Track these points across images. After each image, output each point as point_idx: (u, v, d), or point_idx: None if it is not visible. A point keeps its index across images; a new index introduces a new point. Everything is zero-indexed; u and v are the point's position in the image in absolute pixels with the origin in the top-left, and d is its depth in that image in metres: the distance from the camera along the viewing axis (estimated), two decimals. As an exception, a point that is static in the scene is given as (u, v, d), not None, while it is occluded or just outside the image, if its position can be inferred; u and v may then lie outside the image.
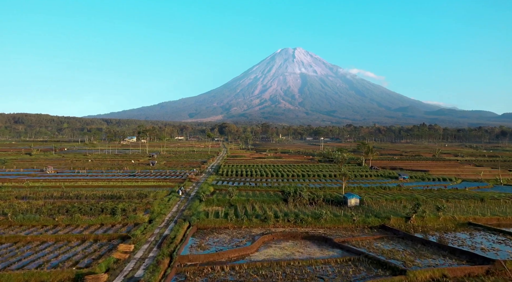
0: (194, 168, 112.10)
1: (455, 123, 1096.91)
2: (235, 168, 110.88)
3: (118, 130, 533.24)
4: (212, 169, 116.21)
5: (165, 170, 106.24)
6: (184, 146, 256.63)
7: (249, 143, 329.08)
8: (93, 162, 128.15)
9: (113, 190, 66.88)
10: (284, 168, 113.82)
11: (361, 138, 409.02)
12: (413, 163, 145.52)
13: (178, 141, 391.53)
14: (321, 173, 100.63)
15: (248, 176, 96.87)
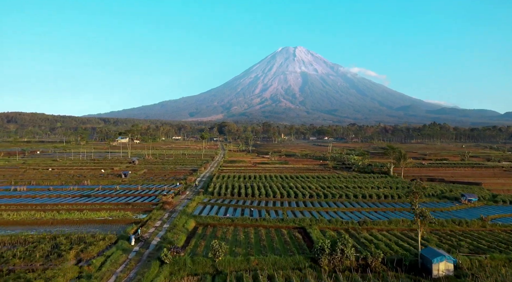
0: (178, 182, 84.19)
1: (457, 122, 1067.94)
2: (232, 181, 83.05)
3: (115, 129, 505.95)
4: (203, 181, 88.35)
5: (137, 185, 78.09)
6: (179, 147, 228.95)
7: (249, 143, 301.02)
8: (53, 171, 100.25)
9: (18, 237, 38.83)
10: (295, 180, 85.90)
11: (367, 138, 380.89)
12: (451, 170, 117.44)
13: (175, 141, 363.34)
14: (349, 190, 72.29)
15: (248, 195, 68.77)
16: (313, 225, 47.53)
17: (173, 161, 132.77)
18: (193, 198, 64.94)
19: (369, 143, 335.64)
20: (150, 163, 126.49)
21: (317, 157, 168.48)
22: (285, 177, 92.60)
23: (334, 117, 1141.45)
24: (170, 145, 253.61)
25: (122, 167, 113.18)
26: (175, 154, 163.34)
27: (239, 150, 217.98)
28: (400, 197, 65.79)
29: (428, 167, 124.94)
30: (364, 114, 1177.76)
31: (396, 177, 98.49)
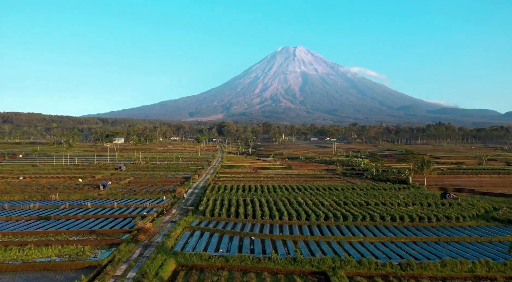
0: (165, 195, 70.42)
1: (458, 122, 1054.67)
2: (228, 195, 69.27)
3: (112, 130, 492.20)
4: (195, 193, 74.66)
5: (114, 201, 64.27)
6: (175, 150, 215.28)
7: (249, 144, 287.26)
8: (23, 180, 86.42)
9: None
10: (303, 193, 72.18)
11: (370, 139, 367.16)
12: (476, 178, 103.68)
13: (172, 142, 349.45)
14: (371, 209, 58.37)
15: (248, 216, 54.86)
16: (337, 270, 33.88)
17: (165, 167, 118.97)
18: (179, 220, 51.17)
19: (373, 143, 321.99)
20: (139, 169, 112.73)
21: (322, 160, 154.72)
22: (291, 188, 78.79)
23: (335, 117, 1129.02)
24: (166, 147, 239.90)
25: (106, 174, 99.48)
26: (169, 158, 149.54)
27: (238, 152, 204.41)
28: (439, 219, 51.92)
29: (448, 173, 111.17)
30: (365, 114, 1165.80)
31: (417, 186, 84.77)
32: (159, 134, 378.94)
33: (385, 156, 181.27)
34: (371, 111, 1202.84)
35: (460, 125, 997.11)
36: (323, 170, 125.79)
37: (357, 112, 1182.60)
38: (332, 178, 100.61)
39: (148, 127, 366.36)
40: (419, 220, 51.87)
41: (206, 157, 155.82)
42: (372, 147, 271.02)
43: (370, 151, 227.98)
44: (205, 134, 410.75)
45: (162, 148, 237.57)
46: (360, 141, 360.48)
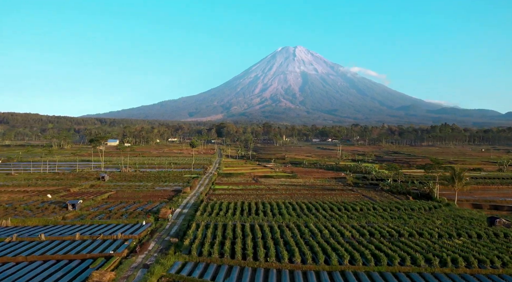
0: (145, 219, 56.74)
1: (459, 122, 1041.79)
2: (223, 219, 55.53)
3: (109, 130, 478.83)
4: (183, 214, 61.17)
5: (81, 227, 50.56)
6: (171, 153, 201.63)
7: (249, 146, 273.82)
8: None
9: None
10: (315, 215, 58.49)
11: (374, 141, 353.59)
12: (507, 189, 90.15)
13: (170, 143, 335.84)
14: (408, 245, 44.78)
15: (247, 257, 40.99)
16: None
17: (154, 176, 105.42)
18: (154, 264, 37.62)
19: (377, 145, 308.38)
20: (124, 179, 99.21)
21: (328, 166, 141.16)
22: (299, 207, 65.05)
23: (335, 117, 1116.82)
24: (162, 150, 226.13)
25: (84, 187, 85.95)
26: (161, 164, 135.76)
27: (238, 155, 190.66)
28: (505, 264, 38.30)
29: (473, 183, 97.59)
30: (365, 114, 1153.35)
31: (446, 202, 71.26)
32: (156, 135, 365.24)
33: (394, 160, 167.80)
34: (371, 112, 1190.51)
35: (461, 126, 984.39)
36: (331, 178, 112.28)
37: (357, 112, 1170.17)
38: (344, 191, 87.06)
39: (145, 128, 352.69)
40: (478, 263, 38.27)
41: (203, 163, 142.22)
42: (377, 150, 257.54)
43: (376, 154, 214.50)
44: (203, 135, 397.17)
45: (157, 151, 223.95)
46: (363, 143, 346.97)
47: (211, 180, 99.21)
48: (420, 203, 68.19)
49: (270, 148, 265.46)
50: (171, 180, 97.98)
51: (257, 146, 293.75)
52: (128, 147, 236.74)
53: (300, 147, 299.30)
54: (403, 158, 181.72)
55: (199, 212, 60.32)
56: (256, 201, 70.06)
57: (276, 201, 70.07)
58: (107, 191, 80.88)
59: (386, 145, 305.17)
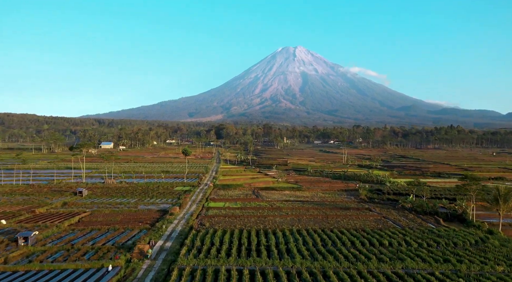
0: (110, 263, 43.39)
1: (460, 123, 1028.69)
2: (213, 261, 41.84)
3: (107, 131, 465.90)
4: (165, 251, 47.92)
5: (23, 278, 37.31)
6: (166, 157, 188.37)
7: (249, 149, 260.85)
8: None
9: None
10: (334, 254, 44.87)
11: (378, 143, 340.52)
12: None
13: (168, 146, 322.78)
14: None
15: None
16: None
17: (141, 189, 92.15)
18: None
19: (382, 148, 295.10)
20: (106, 193, 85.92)
21: (336, 175, 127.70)
22: (311, 240, 51.43)
23: (335, 117, 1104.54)
24: (158, 153, 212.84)
25: (55, 205, 72.55)
26: (152, 172, 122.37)
27: (237, 160, 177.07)
28: None
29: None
30: (365, 114, 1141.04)
31: (489, 229, 58.01)
32: (153, 137, 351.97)
33: (404, 167, 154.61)
34: (372, 112, 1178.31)
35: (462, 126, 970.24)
36: (341, 190, 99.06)
37: (357, 113, 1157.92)
38: (360, 210, 73.73)
39: (141, 130, 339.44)
40: None
41: (198, 171, 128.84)
42: (383, 153, 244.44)
43: (382, 158, 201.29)
44: (202, 137, 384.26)
45: (152, 155, 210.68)
46: (367, 145, 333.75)
47: (205, 195, 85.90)
48: (462, 233, 54.73)
49: (271, 151, 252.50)
50: (159, 195, 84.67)
51: (257, 149, 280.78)
52: (122, 151, 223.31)
53: (302, 150, 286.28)
54: (413, 164, 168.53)
55: (184, 249, 46.90)
56: (258, 229, 56.67)
57: (281, 229, 56.63)
58: (81, 211, 67.58)
59: (391, 148, 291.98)
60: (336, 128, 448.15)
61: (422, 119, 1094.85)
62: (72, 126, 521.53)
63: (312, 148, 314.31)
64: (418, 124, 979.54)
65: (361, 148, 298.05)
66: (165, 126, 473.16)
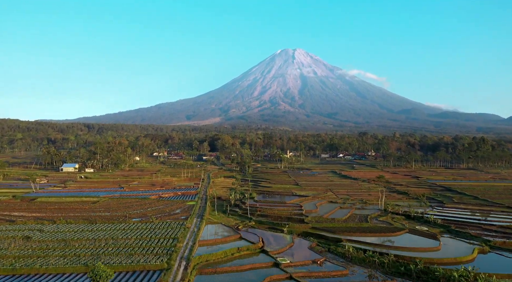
0: None
1: (462, 127, 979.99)
2: None
3: (91, 140, 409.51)
4: None
5: None
6: (141, 186, 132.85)
7: (247, 171, 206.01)
8: None
9: None
10: None
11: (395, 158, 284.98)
12: None
13: (150, 164, 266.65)
14: None
15: None
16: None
17: None
18: None
19: (405, 167, 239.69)
20: None
21: (399, 269, 70.90)
22: None
23: (335, 121, 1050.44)
24: (132, 180, 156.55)
25: None
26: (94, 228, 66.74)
27: (231, 201, 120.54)
28: None
29: None
30: (365, 118, 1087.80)
31: None
32: (138, 150, 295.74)
33: (467, 224, 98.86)
34: (372, 115, 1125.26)
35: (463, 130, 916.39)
36: None
37: (357, 116, 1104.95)
38: None
39: (123, 143, 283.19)
40: None
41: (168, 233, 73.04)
42: (412, 177, 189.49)
43: (421, 190, 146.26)
44: (194, 150, 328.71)
45: (126, 180, 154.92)
46: (383, 161, 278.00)
47: None
48: None
49: (274, 176, 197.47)
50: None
51: (256, 168, 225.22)
52: (82, 179, 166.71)
53: (310, 169, 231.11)
54: (479, 209, 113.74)
55: None
56: None
57: None
58: None
59: (416, 168, 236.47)
60: (343, 138, 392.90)
61: (423, 123, 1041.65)
62: (55, 134, 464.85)
63: (321, 165, 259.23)
64: (419, 128, 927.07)
65: (380, 167, 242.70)
66: (154, 136, 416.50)
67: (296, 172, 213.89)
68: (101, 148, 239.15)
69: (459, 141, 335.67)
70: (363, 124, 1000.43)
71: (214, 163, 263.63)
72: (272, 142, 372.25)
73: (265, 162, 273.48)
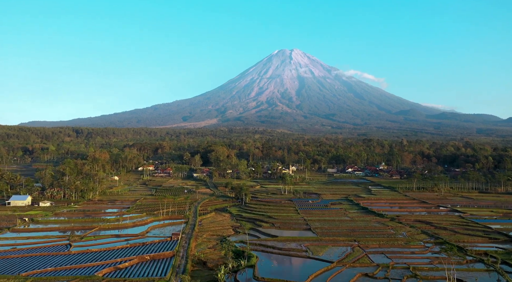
0: None
1: (462, 128, 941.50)
2: None
3: (73, 150, 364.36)
4: None
5: None
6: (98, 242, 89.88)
7: (244, 199, 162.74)
8: None
9: None
10: None
11: (407, 172, 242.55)
12: None
13: (135, 180, 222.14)
14: None
15: None
16: None
17: None
18: None
19: (432, 190, 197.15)
20: None
21: None
22: None
23: (333, 122, 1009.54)
24: (90, 228, 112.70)
25: None
26: None
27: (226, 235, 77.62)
28: None
29: None
30: (364, 119, 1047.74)
31: None
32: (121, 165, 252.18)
33: None
34: (370, 116, 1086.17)
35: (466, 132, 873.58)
36: None
37: (355, 117, 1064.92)
38: None
39: (100, 159, 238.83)
40: None
41: None
42: (447, 209, 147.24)
43: (476, 244, 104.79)
44: (185, 164, 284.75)
45: (82, 227, 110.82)
46: (401, 180, 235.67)
47: None
48: None
49: (277, 206, 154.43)
50: None
51: (256, 196, 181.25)
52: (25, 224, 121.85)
53: (321, 199, 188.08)
54: None
55: None
56: None
57: None
58: None
59: (446, 192, 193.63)
60: (348, 147, 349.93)
61: (423, 124, 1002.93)
62: (35, 142, 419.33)
63: (330, 186, 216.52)
64: (419, 130, 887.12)
65: (401, 189, 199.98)
66: (142, 145, 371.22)
67: (303, 201, 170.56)
68: (71, 168, 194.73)
69: (479, 152, 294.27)
70: (361, 125, 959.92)
71: (206, 183, 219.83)
72: (272, 152, 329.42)
73: (265, 181, 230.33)
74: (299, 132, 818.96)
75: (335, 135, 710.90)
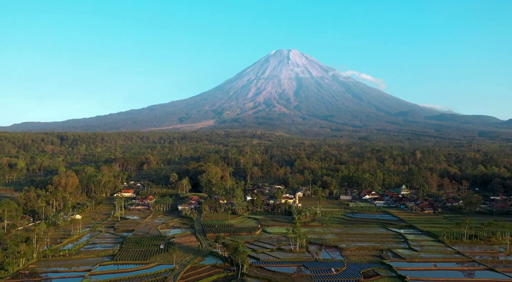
0: None
1: (462, 130, 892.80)
2: None
3: (46, 165, 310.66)
4: None
5: None
6: None
7: (241, 267, 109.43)
8: None
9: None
10: None
11: (438, 201, 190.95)
12: None
13: (102, 218, 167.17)
14: None
15: None
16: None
17: None
18: None
19: (487, 241, 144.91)
20: None
21: None
22: None
23: (332, 124, 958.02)
24: None
25: None
26: None
27: None
28: None
29: None
30: (363, 120, 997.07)
31: None
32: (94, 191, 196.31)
33: None
34: (369, 118, 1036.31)
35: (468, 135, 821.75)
36: None
37: (354, 119, 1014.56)
38: None
39: (68, 184, 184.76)
40: None
41: None
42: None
43: None
44: (170, 188, 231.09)
45: None
46: (432, 211, 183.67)
47: None
48: None
49: (287, 279, 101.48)
50: None
51: (257, 261, 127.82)
52: None
53: (342, 255, 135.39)
54: None
55: None
56: None
57: None
58: None
59: (504, 243, 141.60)
60: (361, 164, 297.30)
61: (422, 126, 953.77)
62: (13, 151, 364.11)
63: (348, 227, 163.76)
64: (420, 132, 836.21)
65: (447, 239, 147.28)
66: (126, 160, 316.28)
67: (323, 268, 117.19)
68: (9, 210, 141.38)
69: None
70: (361, 127, 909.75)
71: (192, 224, 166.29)
72: (273, 170, 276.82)
73: (267, 218, 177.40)
74: (298, 135, 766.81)
75: (336, 140, 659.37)
